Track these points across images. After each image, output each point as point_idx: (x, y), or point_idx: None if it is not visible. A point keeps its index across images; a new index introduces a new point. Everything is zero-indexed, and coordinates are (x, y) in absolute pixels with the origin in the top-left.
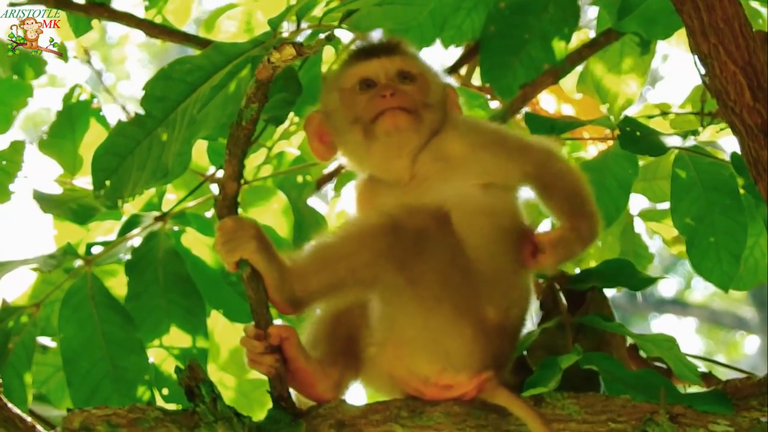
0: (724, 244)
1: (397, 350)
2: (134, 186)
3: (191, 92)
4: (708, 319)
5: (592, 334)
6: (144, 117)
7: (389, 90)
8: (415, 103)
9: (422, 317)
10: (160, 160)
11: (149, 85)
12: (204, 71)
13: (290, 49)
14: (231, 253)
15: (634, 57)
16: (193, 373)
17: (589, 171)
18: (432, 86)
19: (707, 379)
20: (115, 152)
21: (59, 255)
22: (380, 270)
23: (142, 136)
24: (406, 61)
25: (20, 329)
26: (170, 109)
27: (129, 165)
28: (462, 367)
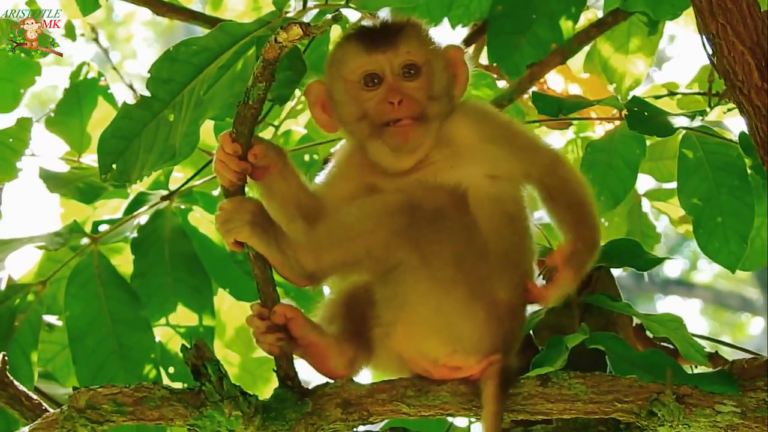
0: (732, 225)
1: (408, 330)
2: (141, 168)
3: (197, 73)
4: (713, 300)
5: (598, 313)
6: (150, 99)
7: (396, 97)
8: (421, 104)
9: (436, 298)
10: (167, 141)
11: (155, 68)
12: (210, 52)
13: (297, 28)
14: (227, 235)
15: (642, 37)
16: (200, 353)
17: (596, 151)
18: (437, 74)
19: (713, 359)
20: (121, 135)
21: (66, 233)
22: (396, 249)
23: (148, 118)
24: (411, 51)
25: (26, 307)
26: (176, 91)
27: (136, 148)
28: (472, 351)
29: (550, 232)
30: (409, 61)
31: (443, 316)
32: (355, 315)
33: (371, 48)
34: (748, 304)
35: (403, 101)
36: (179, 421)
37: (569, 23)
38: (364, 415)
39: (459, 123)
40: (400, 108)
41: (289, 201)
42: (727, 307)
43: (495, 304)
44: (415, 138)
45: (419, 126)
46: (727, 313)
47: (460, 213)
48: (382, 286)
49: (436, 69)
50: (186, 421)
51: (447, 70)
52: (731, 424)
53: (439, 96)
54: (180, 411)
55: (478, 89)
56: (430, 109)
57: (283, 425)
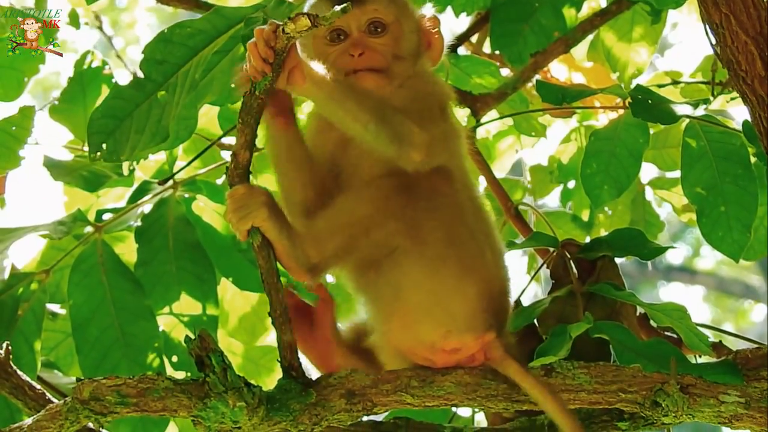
0: (735, 214)
1: (403, 320)
2: (132, 149)
3: (192, 56)
4: (716, 287)
5: (602, 302)
6: (143, 80)
7: (358, 49)
8: (385, 59)
9: (427, 280)
10: (159, 123)
11: (149, 48)
12: (205, 35)
13: (305, 20)
14: (242, 221)
15: (645, 25)
16: (204, 343)
17: (600, 140)
18: (406, 35)
19: (717, 348)
20: (112, 115)
21: (69, 221)
22: (390, 231)
23: (141, 99)
24: (379, 9)
25: (29, 296)
26: (170, 73)
27: (127, 128)
28: (466, 329)
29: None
30: (376, 18)
31: (434, 297)
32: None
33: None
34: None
35: (365, 53)
36: (183, 412)
37: (572, 11)
38: (368, 406)
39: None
40: (361, 59)
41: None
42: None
43: (485, 279)
44: (376, 85)
45: (378, 78)
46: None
47: (451, 188)
48: (377, 280)
49: (405, 30)
50: (190, 412)
51: (418, 34)
52: (735, 414)
53: (404, 57)
54: (184, 402)
55: (482, 77)
56: (395, 67)
57: (287, 416)
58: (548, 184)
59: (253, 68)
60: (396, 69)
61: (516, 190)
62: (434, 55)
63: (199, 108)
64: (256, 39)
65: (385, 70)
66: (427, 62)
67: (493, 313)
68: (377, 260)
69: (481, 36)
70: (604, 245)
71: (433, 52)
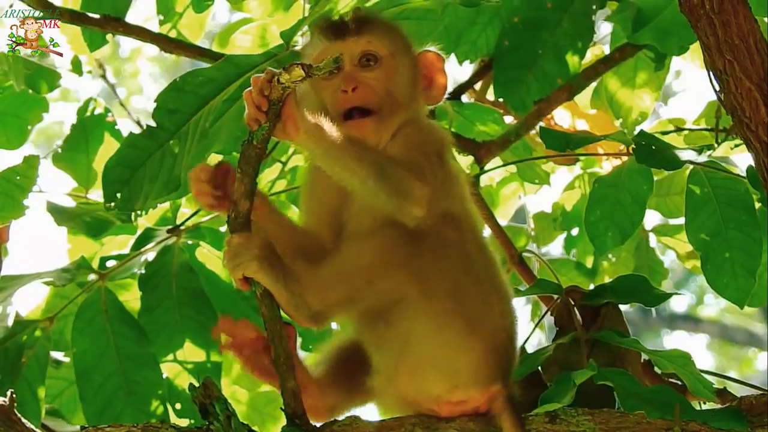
0: (740, 260)
1: (409, 372)
2: (146, 198)
3: (203, 105)
4: (720, 334)
5: (606, 349)
6: (156, 129)
7: (350, 84)
8: (378, 95)
9: (434, 334)
10: (172, 172)
11: (161, 98)
12: (216, 83)
13: (299, 70)
14: (235, 270)
15: (649, 72)
16: (208, 391)
17: (604, 186)
18: (400, 69)
19: (722, 395)
20: (126, 164)
21: (73, 269)
22: (398, 283)
23: (154, 148)
24: (373, 41)
25: (34, 343)
26: (182, 122)
27: (141, 177)
28: (473, 383)
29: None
30: (369, 51)
31: (442, 352)
32: (343, 362)
33: (333, 35)
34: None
35: (358, 88)
36: None
37: (575, 58)
38: None
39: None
40: (354, 95)
41: (286, 243)
42: (734, 341)
43: (491, 333)
44: (372, 133)
45: (375, 121)
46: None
47: (457, 234)
48: (383, 329)
49: (399, 65)
50: None
51: (415, 71)
52: None
53: (399, 93)
54: None
55: (485, 125)
56: (387, 104)
57: None
58: (552, 231)
59: (249, 116)
60: (389, 109)
61: (520, 237)
62: (435, 94)
63: (207, 157)
64: (252, 87)
65: (378, 111)
66: (424, 104)
67: (499, 365)
68: (384, 310)
69: (484, 83)
70: (608, 292)
71: (434, 90)
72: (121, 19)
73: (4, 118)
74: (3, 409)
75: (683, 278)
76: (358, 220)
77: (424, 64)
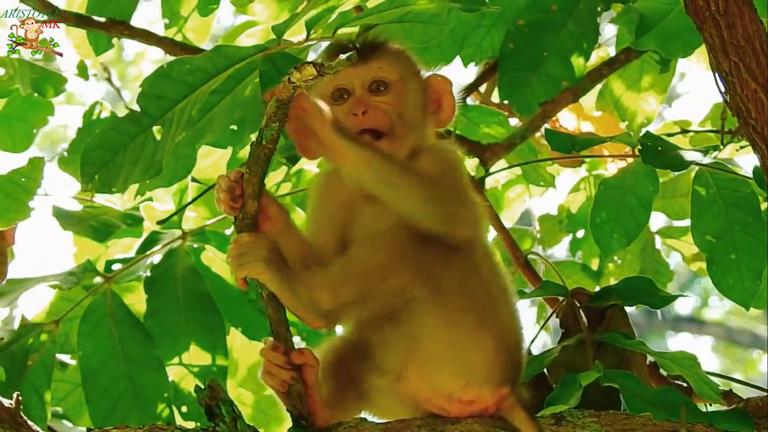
0: (746, 261)
1: (420, 369)
2: (125, 180)
3: (190, 93)
4: (724, 337)
5: (612, 351)
6: (139, 114)
7: (361, 108)
8: (389, 119)
9: (446, 330)
10: (153, 157)
11: (147, 83)
12: (204, 73)
13: (311, 68)
14: (239, 269)
15: (654, 74)
16: (214, 393)
17: (609, 188)
18: (411, 94)
19: (727, 397)
20: (107, 147)
21: (79, 272)
22: (408, 281)
23: (136, 132)
24: (383, 67)
25: (39, 346)
26: (167, 108)
27: (121, 160)
28: (485, 381)
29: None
30: (379, 77)
31: (454, 348)
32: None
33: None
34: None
35: (368, 112)
36: None
37: (580, 60)
38: None
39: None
40: (365, 118)
41: (295, 255)
42: (738, 344)
43: (501, 332)
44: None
45: (387, 142)
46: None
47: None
48: (392, 329)
49: (409, 89)
50: None
51: (424, 95)
52: None
53: (410, 117)
54: None
55: (490, 127)
56: (399, 127)
57: None
58: (557, 233)
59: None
60: (400, 131)
61: (525, 239)
62: (444, 116)
63: (198, 147)
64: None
65: (389, 133)
66: (434, 127)
67: (509, 366)
68: (394, 309)
69: (489, 86)
70: (614, 294)
71: (443, 113)
72: (126, 22)
73: (10, 121)
74: (9, 412)
75: (688, 281)
76: (372, 222)
77: (433, 87)
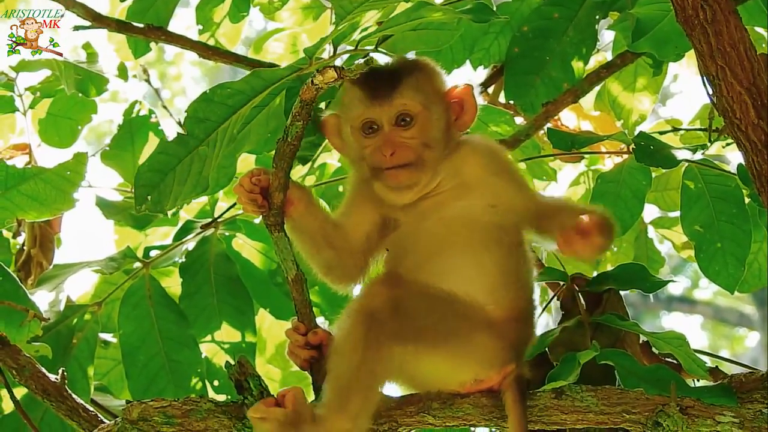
0: (730, 250)
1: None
2: (175, 199)
3: (231, 114)
4: (713, 316)
5: (608, 332)
6: (186, 137)
7: (389, 150)
8: (415, 152)
9: (440, 359)
10: (200, 175)
11: (192, 108)
12: (244, 95)
13: (332, 72)
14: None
15: (647, 77)
16: (242, 368)
17: (606, 182)
18: (434, 121)
19: (714, 373)
20: (157, 169)
21: (120, 258)
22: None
23: (183, 154)
24: (407, 102)
25: (83, 326)
26: (211, 130)
27: (170, 181)
28: (490, 368)
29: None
30: (404, 111)
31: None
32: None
33: (371, 98)
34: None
35: (396, 152)
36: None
37: (580, 64)
38: (393, 426)
39: (467, 157)
40: (392, 158)
41: (316, 233)
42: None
43: (494, 324)
44: (408, 180)
45: (412, 171)
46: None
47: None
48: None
49: (433, 115)
50: (230, 431)
51: (447, 112)
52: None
53: (435, 141)
54: (224, 422)
55: (498, 125)
56: (426, 154)
57: None
58: None
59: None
60: (427, 156)
61: None
62: (466, 120)
63: (237, 157)
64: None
65: (416, 163)
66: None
67: (510, 349)
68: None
69: (496, 87)
70: (610, 279)
71: (466, 116)
72: (163, 28)
73: (57, 119)
74: (55, 386)
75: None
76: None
77: (453, 96)
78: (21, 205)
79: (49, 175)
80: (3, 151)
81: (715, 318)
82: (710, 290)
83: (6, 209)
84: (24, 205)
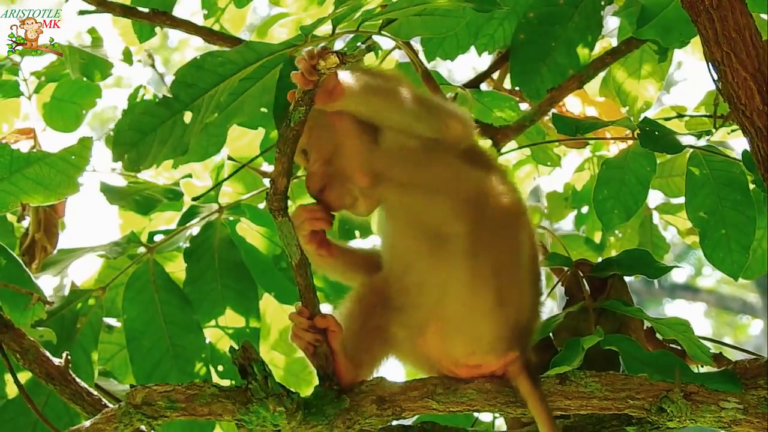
0: (735, 236)
1: (437, 330)
2: (153, 159)
3: (220, 82)
4: (716, 303)
5: (612, 317)
6: (171, 100)
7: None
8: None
9: (470, 293)
10: (181, 138)
11: (180, 72)
12: (234, 65)
13: (335, 57)
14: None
15: (653, 63)
16: (246, 353)
17: (610, 168)
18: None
19: (718, 359)
20: (138, 129)
21: (124, 242)
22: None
23: (167, 116)
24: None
25: (87, 310)
26: (197, 95)
27: (150, 141)
28: (490, 351)
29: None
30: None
31: (470, 314)
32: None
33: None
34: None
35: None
36: (227, 417)
37: (585, 50)
38: (397, 411)
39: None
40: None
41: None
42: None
43: (518, 308)
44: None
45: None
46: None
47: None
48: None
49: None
50: (234, 416)
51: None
52: (734, 420)
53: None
54: (228, 407)
55: (502, 111)
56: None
57: (323, 420)
58: (563, 209)
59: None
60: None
61: (534, 214)
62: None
63: (228, 127)
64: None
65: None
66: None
67: (518, 337)
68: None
69: (501, 73)
70: (615, 265)
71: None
72: (168, 13)
73: (61, 103)
74: (59, 370)
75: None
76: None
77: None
78: (25, 190)
79: (53, 160)
80: (8, 136)
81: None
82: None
83: (10, 193)
84: (28, 190)
